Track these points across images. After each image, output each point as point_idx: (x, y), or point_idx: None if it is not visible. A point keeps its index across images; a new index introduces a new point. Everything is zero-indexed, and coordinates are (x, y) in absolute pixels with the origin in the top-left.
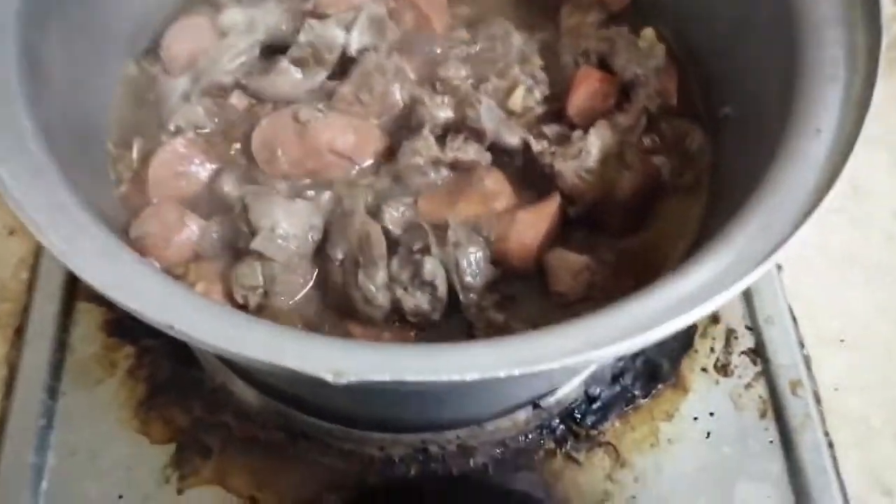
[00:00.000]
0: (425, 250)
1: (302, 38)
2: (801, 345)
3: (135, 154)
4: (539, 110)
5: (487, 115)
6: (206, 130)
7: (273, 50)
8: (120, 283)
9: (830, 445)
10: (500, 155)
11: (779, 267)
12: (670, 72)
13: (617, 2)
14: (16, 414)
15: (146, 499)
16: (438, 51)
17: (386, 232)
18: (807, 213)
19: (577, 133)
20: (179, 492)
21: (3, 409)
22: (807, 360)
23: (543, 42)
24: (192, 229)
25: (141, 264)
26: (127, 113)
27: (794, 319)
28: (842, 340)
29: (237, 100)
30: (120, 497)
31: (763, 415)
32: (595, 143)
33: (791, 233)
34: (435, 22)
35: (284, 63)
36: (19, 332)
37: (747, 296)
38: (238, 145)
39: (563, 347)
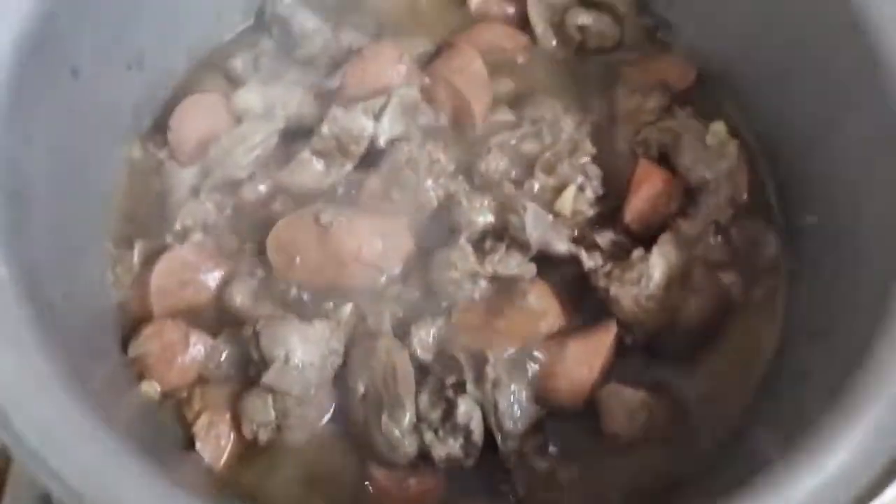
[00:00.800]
0: (459, 387)
1: (325, 129)
2: None
3: (136, 256)
4: (591, 212)
5: (533, 224)
6: (216, 231)
7: (294, 132)
8: None
9: None
10: (546, 262)
11: None
12: (742, 155)
13: (680, 80)
14: None
15: None
16: (478, 136)
17: (415, 359)
18: None
19: (638, 252)
20: None
21: None
22: None
23: (596, 125)
24: (199, 349)
25: None
26: (129, 204)
27: None
28: None
29: (251, 192)
30: None
31: None
32: (658, 265)
33: None
34: (474, 104)
35: (306, 154)
36: None
37: None
38: (252, 247)
39: None
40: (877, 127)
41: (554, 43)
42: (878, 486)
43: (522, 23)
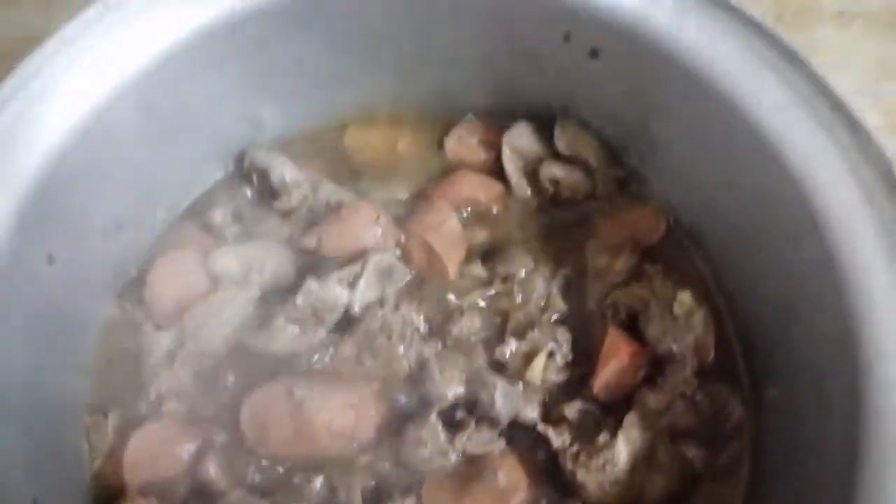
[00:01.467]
0: None
1: (300, 300)
2: None
3: (110, 427)
4: (561, 378)
5: (503, 402)
6: (191, 399)
7: (270, 292)
8: None
9: None
10: (516, 431)
11: None
12: (708, 324)
13: (651, 233)
14: None
15: None
16: (451, 297)
17: None
18: None
19: (604, 437)
20: None
21: None
22: None
23: (568, 279)
24: None
25: None
26: (105, 367)
27: None
28: None
29: (226, 362)
30: None
31: None
32: (623, 450)
33: None
34: (448, 262)
35: (280, 321)
36: None
37: None
38: (226, 418)
39: None
40: (831, 322)
41: (528, 192)
42: None
43: (497, 169)
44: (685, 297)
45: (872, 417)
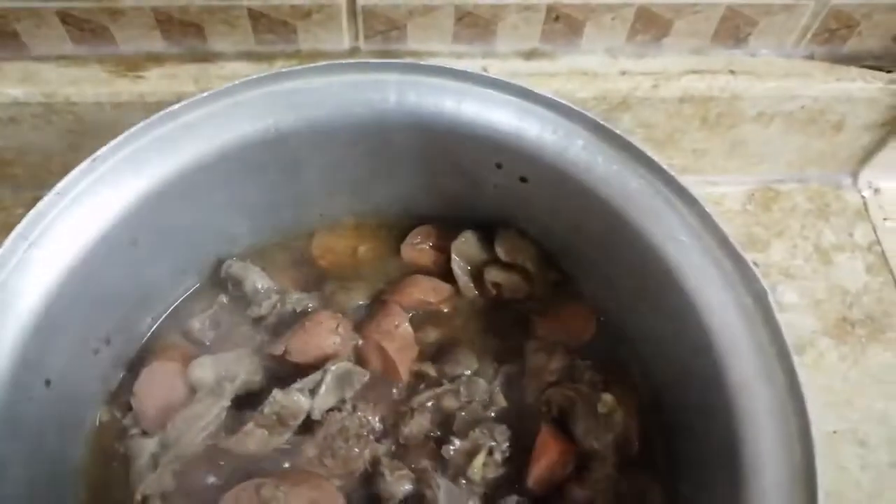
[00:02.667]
0: None
1: (267, 409)
2: None
3: None
4: (499, 472)
5: (446, 499)
6: (174, 499)
7: (242, 398)
8: None
9: None
10: None
11: None
12: (632, 416)
13: (583, 331)
14: None
15: None
16: (401, 398)
17: None
18: None
19: None
20: None
21: None
22: None
23: (508, 376)
24: None
25: None
26: (94, 470)
27: None
28: None
29: (203, 464)
30: None
31: None
32: None
33: None
34: (399, 365)
35: (250, 426)
36: None
37: None
38: None
39: None
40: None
41: (475, 293)
42: None
43: (447, 271)
44: (608, 398)
45: None
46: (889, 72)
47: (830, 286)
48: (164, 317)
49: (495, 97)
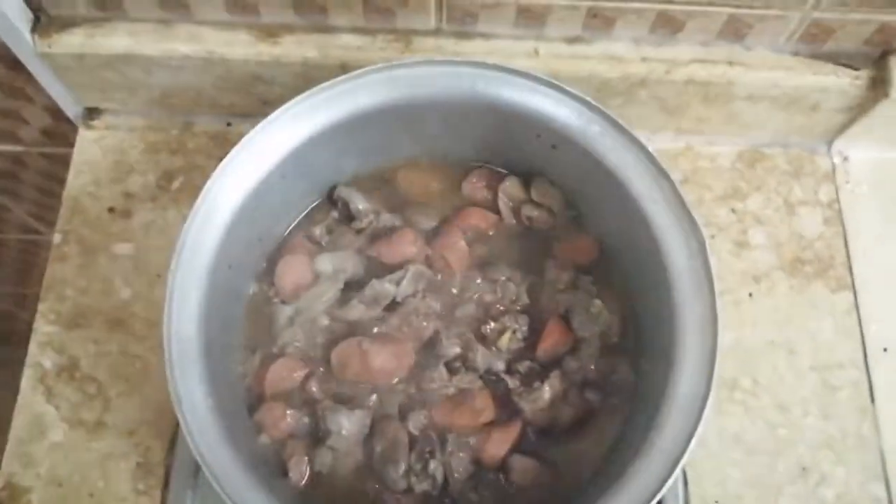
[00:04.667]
0: (432, 453)
1: (367, 292)
2: (687, 503)
3: (256, 361)
4: (519, 346)
5: (481, 359)
6: (302, 346)
7: (350, 284)
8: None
9: None
10: (489, 376)
11: None
12: (617, 315)
13: (588, 255)
14: (171, 501)
15: None
16: (456, 292)
17: (409, 434)
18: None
19: (537, 383)
20: None
21: (163, 497)
22: None
23: (531, 284)
24: (290, 420)
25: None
26: (251, 324)
27: (686, 483)
28: (716, 502)
29: (323, 324)
30: None
31: None
32: (548, 391)
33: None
34: (456, 269)
35: (355, 302)
36: (173, 441)
37: None
38: (322, 358)
39: None
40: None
41: (513, 222)
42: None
43: (495, 206)
44: (598, 304)
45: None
46: (856, 69)
47: (791, 233)
48: (293, 224)
49: (540, 90)
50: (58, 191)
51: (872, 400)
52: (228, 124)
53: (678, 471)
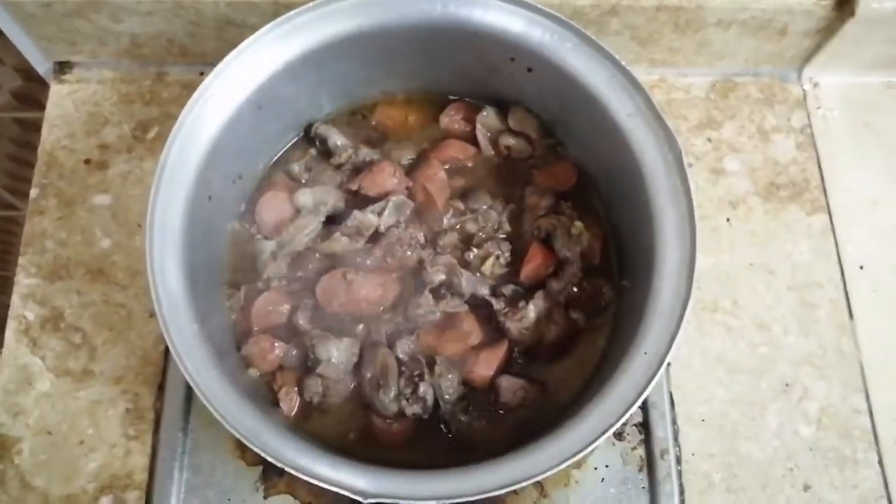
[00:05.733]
0: (421, 376)
1: (349, 222)
2: (674, 422)
3: (241, 296)
4: (503, 271)
5: (466, 284)
6: (287, 279)
7: (331, 218)
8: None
9: (682, 493)
10: (474, 301)
11: (668, 364)
12: (597, 239)
13: (567, 181)
14: (163, 444)
15: (245, 501)
16: (438, 222)
17: (397, 359)
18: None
19: (522, 304)
20: (265, 497)
21: (154, 441)
22: (675, 434)
23: (512, 212)
24: (279, 351)
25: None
26: (234, 261)
27: (672, 404)
28: (702, 420)
29: (307, 257)
30: (228, 500)
31: (640, 469)
32: (532, 310)
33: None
34: (438, 200)
35: (338, 234)
36: (161, 387)
37: None
38: (307, 291)
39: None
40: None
41: (492, 153)
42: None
43: (473, 137)
44: (578, 224)
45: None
46: None
47: (766, 158)
48: (272, 162)
49: (511, 9)
50: (33, 160)
51: (851, 316)
52: (201, 73)
53: (663, 369)
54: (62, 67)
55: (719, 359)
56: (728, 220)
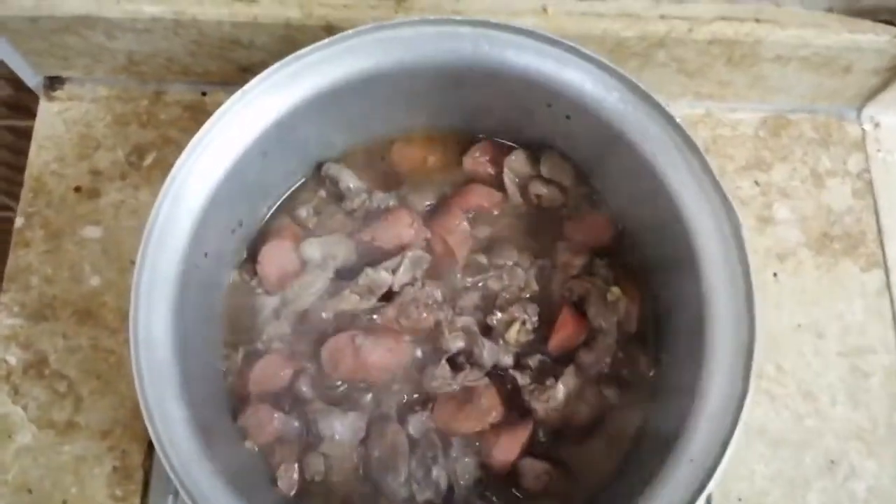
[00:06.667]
0: (434, 458)
1: (361, 280)
2: (709, 502)
3: (239, 358)
4: (529, 338)
5: (488, 355)
6: (290, 341)
7: (341, 272)
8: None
9: None
10: (496, 371)
11: None
12: (634, 302)
13: (603, 235)
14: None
15: None
16: (459, 279)
17: (408, 437)
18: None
19: (550, 381)
20: None
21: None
22: None
23: (540, 268)
24: (276, 424)
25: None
26: (232, 315)
27: None
28: (739, 500)
29: (312, 317)
30: None
31: None
32: (562, 390)
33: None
34: (458, 254)
35: (347, 292)
36: (151, 445)
37: None
38: (312, 354)
39: None
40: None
41: (520, 201)
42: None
43: (499, 181)
44: (615, 290)
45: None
46: None
47: (819, 206)
48: (277, 206)
49: (550, 51)
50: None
51: None
52: (203, 93)
53: (711, 485)
54: (53, 83)
55: (761, 430)
56: (775, 274)
